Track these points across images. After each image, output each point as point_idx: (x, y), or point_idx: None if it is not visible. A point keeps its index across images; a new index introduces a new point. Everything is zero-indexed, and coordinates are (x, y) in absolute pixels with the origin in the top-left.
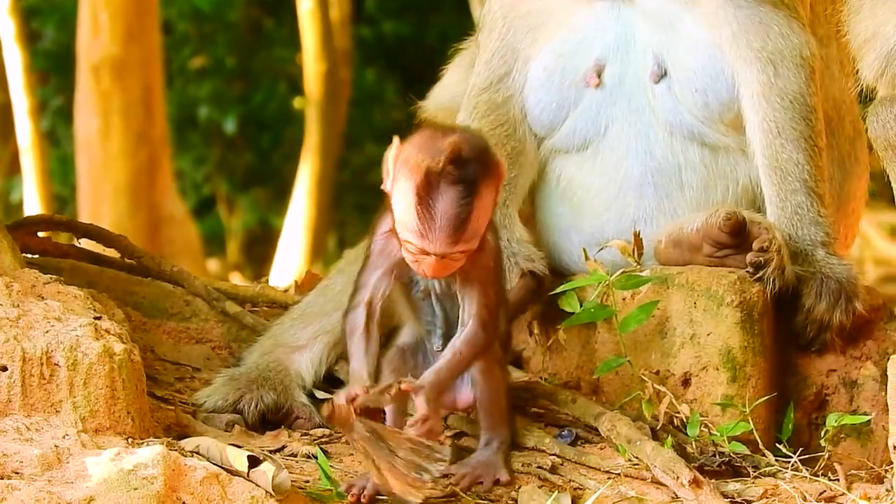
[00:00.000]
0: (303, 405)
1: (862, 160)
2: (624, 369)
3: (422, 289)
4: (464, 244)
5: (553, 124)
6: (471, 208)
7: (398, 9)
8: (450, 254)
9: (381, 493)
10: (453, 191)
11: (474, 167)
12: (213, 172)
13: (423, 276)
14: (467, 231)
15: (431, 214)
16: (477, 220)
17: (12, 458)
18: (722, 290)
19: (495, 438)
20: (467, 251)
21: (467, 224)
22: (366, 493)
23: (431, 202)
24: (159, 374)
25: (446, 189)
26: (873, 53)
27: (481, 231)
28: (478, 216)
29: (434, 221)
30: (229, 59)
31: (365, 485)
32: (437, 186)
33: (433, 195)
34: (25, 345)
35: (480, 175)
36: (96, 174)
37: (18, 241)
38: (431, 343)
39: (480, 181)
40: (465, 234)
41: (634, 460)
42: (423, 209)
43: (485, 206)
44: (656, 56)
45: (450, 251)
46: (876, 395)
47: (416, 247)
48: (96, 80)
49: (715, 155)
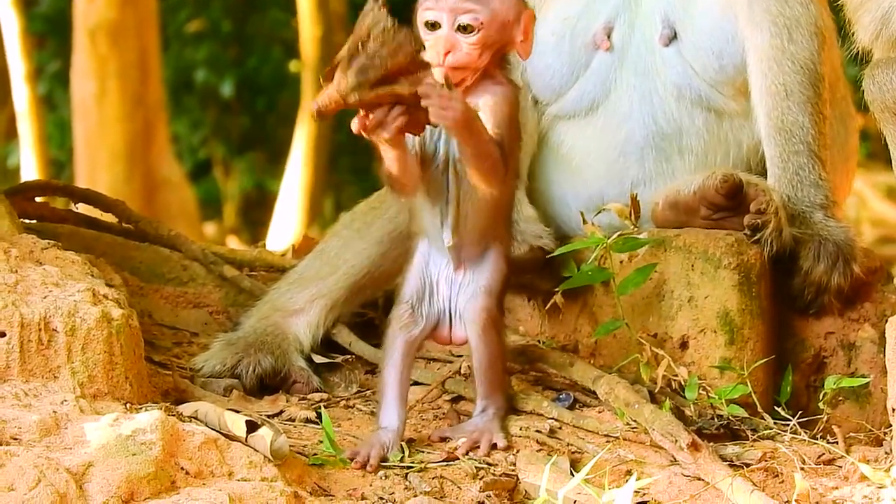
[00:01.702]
0: (301, 369)
1: (854, 116)
2: (622, 332)
3: (441, 159)
4: (476, 4)
5: (562, 89)
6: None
7: None
8: (460, 9)
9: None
10: None
11: None
12: (210, 136)
13: (437, 64)
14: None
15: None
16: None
17: (11, 424)
18: (719, 252)
19: (491, 404)
20: (475, 14)
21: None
22: (371, 460)
23: None
24: (157, 339)
25: None
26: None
27: (494, 10)
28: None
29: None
30: (225, 22)
31: (370, 452)
32: None
33: None
34: (23, 310)
35: None
36: (93, 138)
37: (16, 207)
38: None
39: None
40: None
41: (633, 424)
42: None
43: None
44: (666, 19)
45: (460, 5)
46: (874, 357)
47: (430, 10)
48: (93, 44)
49: (719, 119)
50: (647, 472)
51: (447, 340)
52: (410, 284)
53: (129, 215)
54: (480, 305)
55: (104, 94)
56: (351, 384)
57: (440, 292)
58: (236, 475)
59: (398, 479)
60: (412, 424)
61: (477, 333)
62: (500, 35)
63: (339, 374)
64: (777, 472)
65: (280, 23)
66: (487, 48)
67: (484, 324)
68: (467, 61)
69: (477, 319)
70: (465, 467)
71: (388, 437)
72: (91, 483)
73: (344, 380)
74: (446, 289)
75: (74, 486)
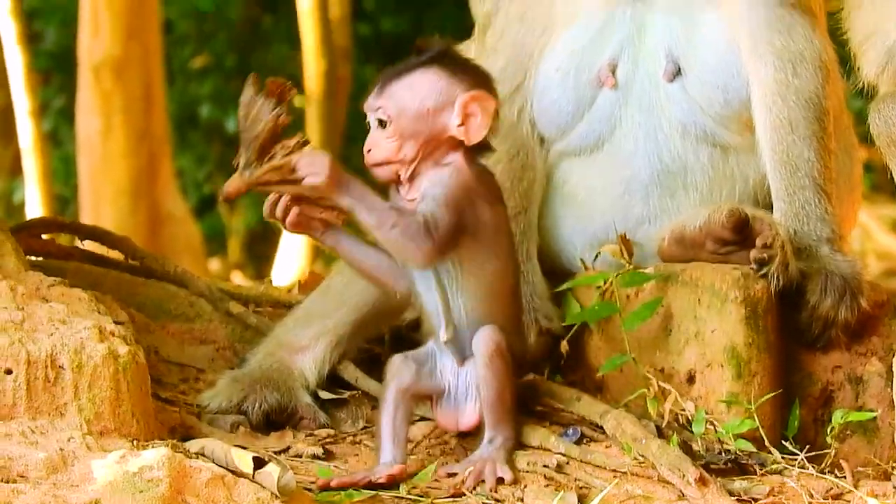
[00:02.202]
0: (307, 406)
1: (857, 147)
2: (629, 367)
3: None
4: (384, 99)
5: (567, 126)
6: (405, 73)
7: (397, 6)
8: (372, 106)
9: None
10: (403, 61)
11: (435, 56)
12: (214, 171)
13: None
14: (390, 88)
15: (380, 75)
16: (403, 88)
17: (18, 462)
18: (726, 286)
19: (498, 436)
20: (383, 109)
21: (393, 81)
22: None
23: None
24: (164, 376)
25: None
26: (874, 50)
27: (404, 103)
28: (408, 84)
29: (378, 78)
30: (229, 57)
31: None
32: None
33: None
34: (30, 347)
35: (434, 63)
36: (98, 174)
37: (22, 244)
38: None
39: (430, 65)
40: (387, 90)
41: (640, 458)
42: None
43: (420, 85)
44: (670, 54)
45: (373, 102)
46: (882, 391)
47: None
48: (97, 79)
49: (725, 155)
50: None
51: (454, 426)
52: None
53: (136, 252)
54: (489, 336)
55: (109, 130)
56: (357, 420)
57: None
58: None
59: None
60: (419, 460)
61: (484, 364)
62: (419, 125)
63: (346, 410)
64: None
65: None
66: (407, 139)
67: (492, 354)
68: (386, 156)
69: (485, 350)
70: (472, 502)
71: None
72: None
73: (350, 415)
74: (453, 379)
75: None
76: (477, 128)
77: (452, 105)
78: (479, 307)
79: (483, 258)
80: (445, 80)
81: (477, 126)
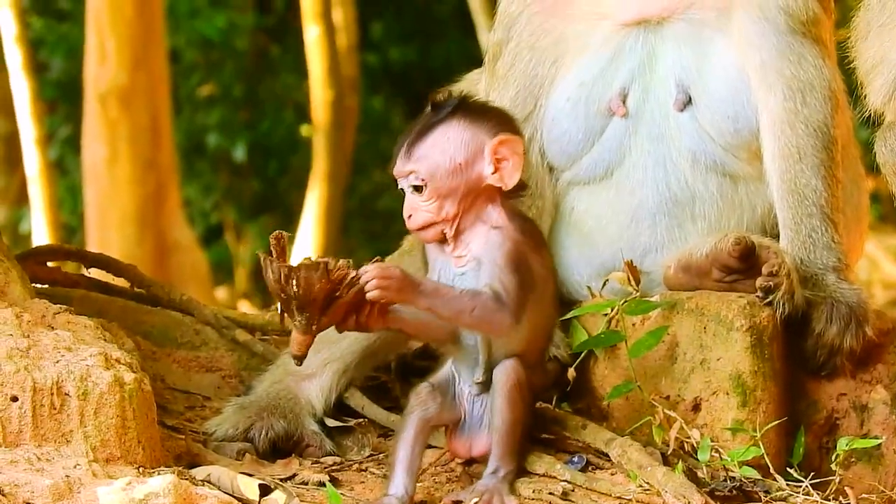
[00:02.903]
0: (313, 433)
1: (864, 177)
2: (634, 395)
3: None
4: (413, 163)
5: (577, 155)
6: (428, 131)
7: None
8: (403, 172)
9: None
10: (423, 116)
11: (455, 108)
12: (221, 200)
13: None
14: (417, 150)
15: (403, 135)
16: (430, 147)
17: (24, 489)
18: (732, 314)
19: (503, 467)
20: (416, 174)
21: (419, 142)
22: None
23: (410, 125)
24: (170, 403)
25: (421, 117)
26: (881, 79)
27: (435, 163)
28: (433, 143)
29: (401, 140)
30: (237, 86)
31: None
32: (418, 117)
33: (415, 120)
34: (36, 375)
35: (455, 115)
36: (104, 202)
37: (28, 272)
38: (472, 374)
39: (452, 118)
40: (414, 153)
41: (646, 486)
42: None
43: (446, 141)
44: (680, 83)
45: (402, 168)
46: (886, 418)
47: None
48: (103, 108)
49: (734, 184)
50: None
51: (466, 453)
52: (441, 374)
53: (142, 280)
54: (511, 369)
55: (115, 159)
56: (364, 447)
57: (463, 405)
58: None
59: None
60: (425, 487)
61: (503, 395)
62: (456, 180)
63: (352, 438)
64: None
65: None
66: (445, 198)
67: (512, 387)
68: (428, 219)
69: (506, 383)
70: None
71: (393, 502)
72: None
73: (357, 443)
74: (468, 405)
75: None
76: (511, 171)
77: (482, 154)
78: (518, 349)
79: (535, 309)
80: (470, 130)
81: (510, 170)
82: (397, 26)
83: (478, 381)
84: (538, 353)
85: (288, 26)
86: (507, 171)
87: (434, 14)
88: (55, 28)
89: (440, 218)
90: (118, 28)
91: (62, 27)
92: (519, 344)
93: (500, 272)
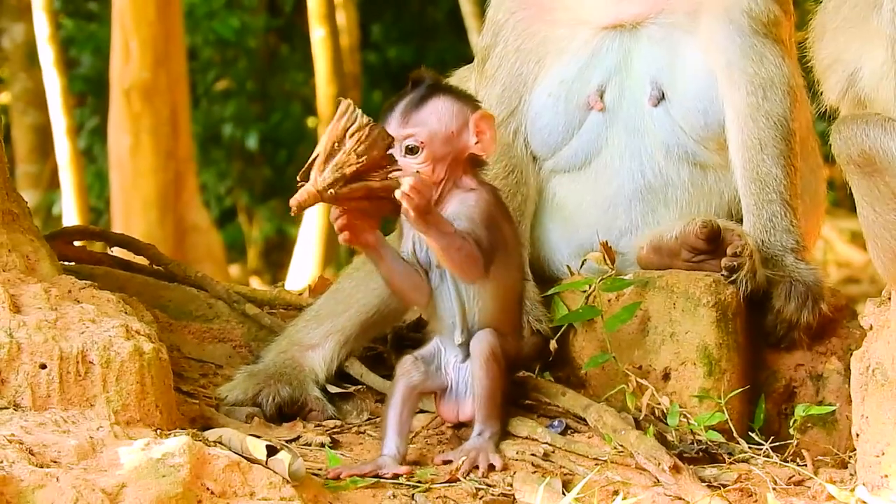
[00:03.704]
0: (316, 399)
1: (822, 167)
2: (609, 365)
3: (437, 267)
4: (412, 127)
5: (558, 146)
6: (423, 101)
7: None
8: (401, 136)
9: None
10: (412, 90)
11: (438, 85)
12: (235, 186)
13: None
14: (415, 116)
15: (391, 106)
16: (427, 114)
17: (51, 449)
18: (699, 291)
19: (487, 430)
20: (415, 137)
21: (416, 109)
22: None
23: (395, 98)
24: (185, 371)
25: (409, 89)
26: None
27: (432, 129)
28: (430, 111)
29: (391, 110)
30: (250, 82)
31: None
32: (403, 89)
33: (398, 94)
34: (63, 345)
35: (441, 90)
36: (128, 188)
37: (56, 250)
38: (453, 338)
39: (439, 92)
40: (412, 118)
41: (619, 448)
42: (388, 104)
43: (440, 110)
44: (654, 81)
45: (400, 132)
46: (840, 387)
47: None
48: (128, 102)
49: (704, 172)
50: (633, 492)
51: (454, 417)
52: (426, 347)
53: (160, 258)
54: (485, 340)
55: (138, 148)
56: (362, 412)
57: (449, 374)
58: (257, 495)
59: (405, 499)
60: (418, 448)
61: (480, 365)
62: (448, 147)
63: (352, 403)
64: (751, 493)
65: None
66: (438, 162)
67: (487, 357)
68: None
69: (481, 353)
70: (466, 487)
71: (388, 461)
72: (124, 502)
73: (356, 408)
74: (454, 374)
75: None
76: (489, 143)
77: (468, 125)
78: (491, 314)
79: (502, 271)
80: (458, 104)
81: (489, 141)
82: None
83: (459, 344)
84: (510, 323)
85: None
86: (487, 142)
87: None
88: (84, 28)
89: (431, 179)
90: (141, 28)
91: (90, 27)
92: (488, 304)
93: (474, 226)
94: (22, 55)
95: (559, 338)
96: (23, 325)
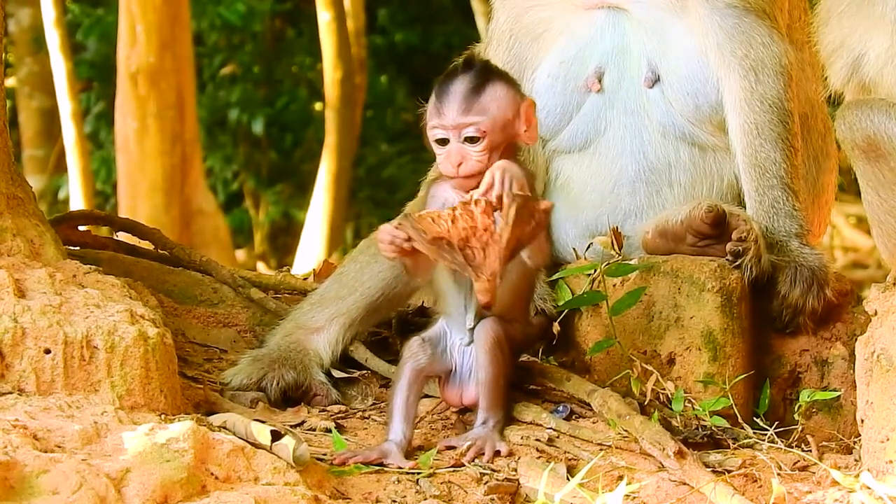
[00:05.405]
0: (321, 383)
1: (832, 154)
2: (614, 350)
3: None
4: (474, 115)
5: (558, 127)
6: (482, 88)
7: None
8: (462, 124)
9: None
10: (467, 74)
11: (492, 69)
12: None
13: (452, 176)
14: (477, 104)
15: (446, 91)
16: (488, 102)
17: (55, 434)
18: (704, 276)
19: (492, 417)
20: (477, 126)
21: (477, 97)
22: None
23: (448, 82)
24: (189, 356)
25: (462, 73)
26: (840, 62)
27: (493, 117)
28: (490, 98)
29: (447, 96)
30: (256, 66)
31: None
32: (454, 72)
33: (450, 78)
34: (67, 329)
35: (497, 76)
36: (134, 172)
37: (61, 235)
38: (463, 321)
39: (496, 78)
40: (475, 106)
41: (624, 433)
42: (440, 88)
43: (499, 98)
44: (650, 63)
45: (462, 121)
46: (845, 372)
47: (436, 128)
48: (134, 86)
49: (703, 154)
50: (637, 477)
51: (458, 402)
52: (433, 330)
53: (165, 243)
54: (490, 328)
55: (144, 132)
56: (367, 397)
57: (454, 357)
58: (262, 480)
59: (409, 484)
60: (422, 433)
61: (484, 352)
62: (505, 135)
63: (356, 388)
64: (756, 478)
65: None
66: (494, 150)
67: (492, 345)
68: (478, 168)
69: (486, 341)
70: (470, 473)
71: (393, 448)
72: (128, 487)
73: (360, 393)
74: (459, 357)
75: (113, 490)
76: (534, 130)
77: (520, 113)
78: (504, 299)
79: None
80: (512, 90)
81: (535, 128)
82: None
83: (470, 328)
84: (520, 309)
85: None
86: (533, 129)
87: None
88: (90, 13)
89: (486, 167)
90: (147, 13)
91: (97, 12)
92: (504, 288)
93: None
94: (28, 39)
95: (564, 322)
96: (27, 309)
